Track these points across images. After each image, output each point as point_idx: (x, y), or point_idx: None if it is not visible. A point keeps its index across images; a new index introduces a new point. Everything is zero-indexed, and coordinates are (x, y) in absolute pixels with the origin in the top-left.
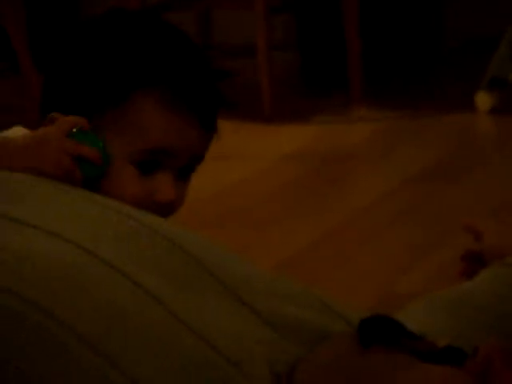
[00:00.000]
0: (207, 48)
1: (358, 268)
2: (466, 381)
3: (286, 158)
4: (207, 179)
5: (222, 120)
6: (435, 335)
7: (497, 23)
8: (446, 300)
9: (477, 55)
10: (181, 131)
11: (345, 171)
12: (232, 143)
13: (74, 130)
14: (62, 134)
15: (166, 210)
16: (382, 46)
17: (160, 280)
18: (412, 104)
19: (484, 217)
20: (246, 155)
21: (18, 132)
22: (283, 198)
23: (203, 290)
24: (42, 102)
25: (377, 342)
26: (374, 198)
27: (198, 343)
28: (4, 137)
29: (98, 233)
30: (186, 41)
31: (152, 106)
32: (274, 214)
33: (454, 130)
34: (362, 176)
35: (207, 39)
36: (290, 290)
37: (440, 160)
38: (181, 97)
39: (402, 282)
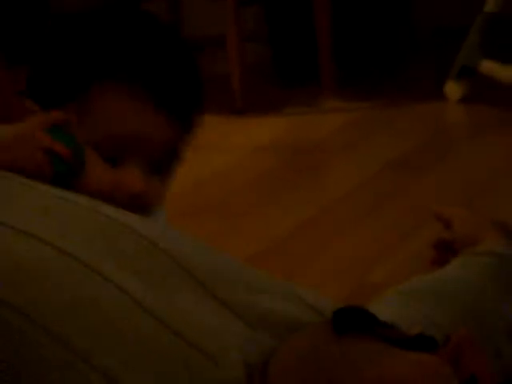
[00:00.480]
0: None
1: (333, 258)
2: (440, 365)
3: (260, 150)
4: (181, 171)
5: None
6: (409, 325)
7: (466, 12)
8: (419, 290)
9: (447, 45)
10: (145, 122)
11: (318, 162)
12: (204, 135)
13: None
14: (37, 128)
15: (138, 203)
16: (353, 36)
17: (130, 275)
18: (383, 94)
19: (457, 205)
20: (219, 147)
21: None
22: (258, 190)
23: (174, 283)
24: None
25: (351, 330)
26: (348, 189)
27: (174, 339)
28: None
29: (67, 229)
30: (159, 33)
31: (115, 97)
32: (249, 206)
33: (425, 120)
34: (336, 166)
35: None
36: (264, 282)
37: (412, 149)
38: (147, 90)
39: (377, 272)
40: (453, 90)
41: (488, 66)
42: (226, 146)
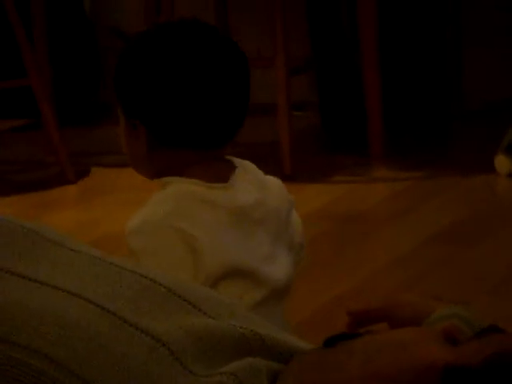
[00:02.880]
0: None
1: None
2: (434, 334)
3: (306, 217)
4: None
5: None
6: None
7: None
8: None
9: (497, 117)
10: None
11: (364, 231)
12: None
13: None
14: None
15: None
16: (402, 106)
17: (179, 336)
18: (432, 165)
19: (502, 280)
20: None
21: None
22: None
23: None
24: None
25: (340, 340)
26: (392, 260)
27: None
28: None
29: (114, 291)
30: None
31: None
32: None
33: (474, 193)
34: (381, 237)
35: None
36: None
37: (460, 222)
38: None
39: None
40: (502, 163)
41: None
42: None
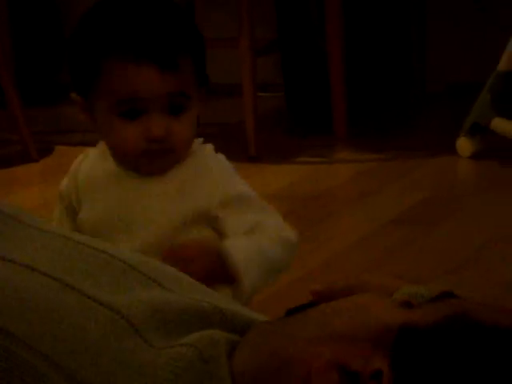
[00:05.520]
0: None
1: None
2: (385, 301)
3: (270, 198)
4: None
5: None
6: None
7: (479, 69)
8: None
9: (459, 99)
10: (139, 77)
11: (326, 213)
12: None
13: None
14: None
15: (161, 146)
16: (366, 88)
17: (139, 308)
18: (394, 147)
19: (463, 261)
20: None
21: None
22: None
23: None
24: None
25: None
26: (354, 241)
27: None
28: None
29: (73, 265)
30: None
31: (115, 66)
32: None
33: (435, 174)
34: (344, 218)
35: None
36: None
37: (421, 204)
38: (131, 50)
39: None
40: (464, 146)
41: (500, 124)
42: None
